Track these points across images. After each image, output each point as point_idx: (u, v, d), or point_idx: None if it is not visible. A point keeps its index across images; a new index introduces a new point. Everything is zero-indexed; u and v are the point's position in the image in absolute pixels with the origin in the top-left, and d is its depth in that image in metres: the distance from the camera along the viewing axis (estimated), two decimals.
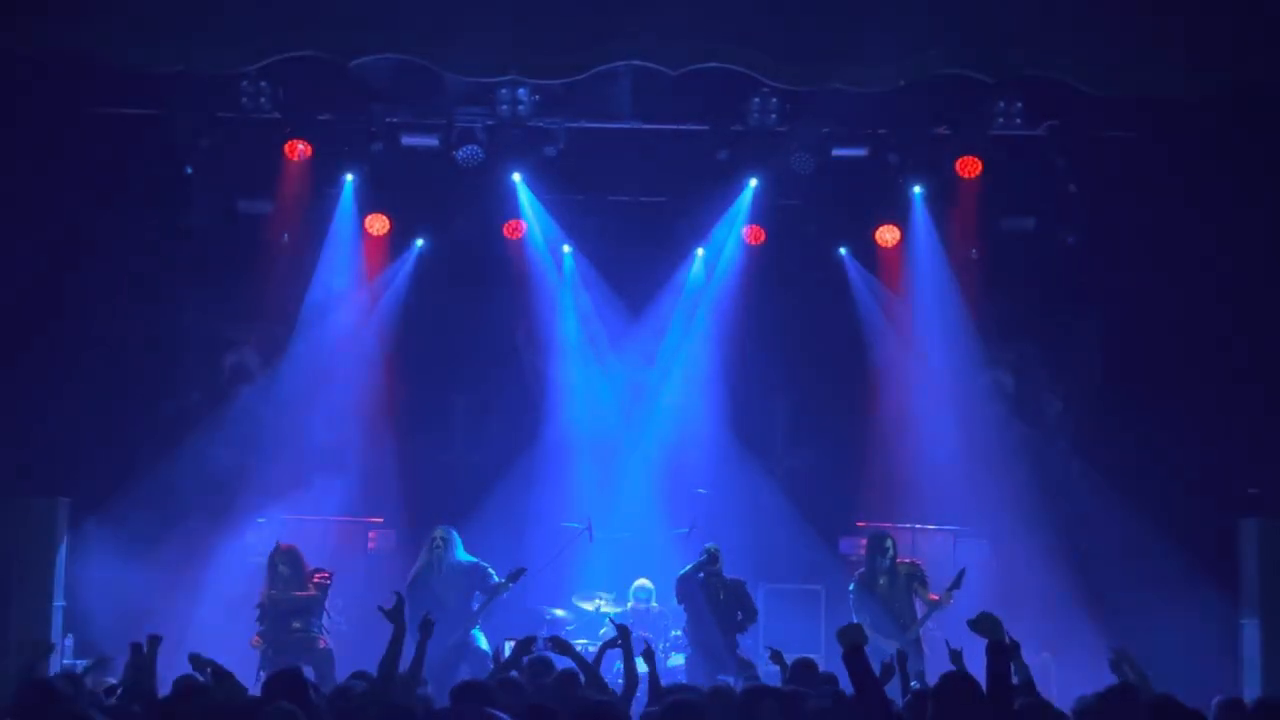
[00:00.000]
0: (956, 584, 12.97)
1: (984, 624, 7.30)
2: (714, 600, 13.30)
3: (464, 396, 16.52)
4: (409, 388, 16.04)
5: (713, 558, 13.32)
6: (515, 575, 13.16)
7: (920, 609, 13.06)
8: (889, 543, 13.39)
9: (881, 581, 13.21)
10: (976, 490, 15.39)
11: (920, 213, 15.54)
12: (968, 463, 15.49)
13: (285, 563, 13.18)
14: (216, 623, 13.80)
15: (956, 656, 8.98)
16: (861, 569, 13.53)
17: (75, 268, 14.60)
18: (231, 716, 7.37)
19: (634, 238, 15.85)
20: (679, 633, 14.00)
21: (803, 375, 16.20)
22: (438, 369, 16.19)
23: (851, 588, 13.37)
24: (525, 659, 9.20)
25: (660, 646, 13.96)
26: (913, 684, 9.26)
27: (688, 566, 13.46)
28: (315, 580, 13.11)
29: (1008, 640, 7.33)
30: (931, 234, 15.58)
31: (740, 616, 13.33)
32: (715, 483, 15.96)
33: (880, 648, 11.88)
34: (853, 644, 7.11)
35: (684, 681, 11.40)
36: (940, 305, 15.89)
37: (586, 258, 16.15)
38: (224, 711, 7.43)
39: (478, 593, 13.09)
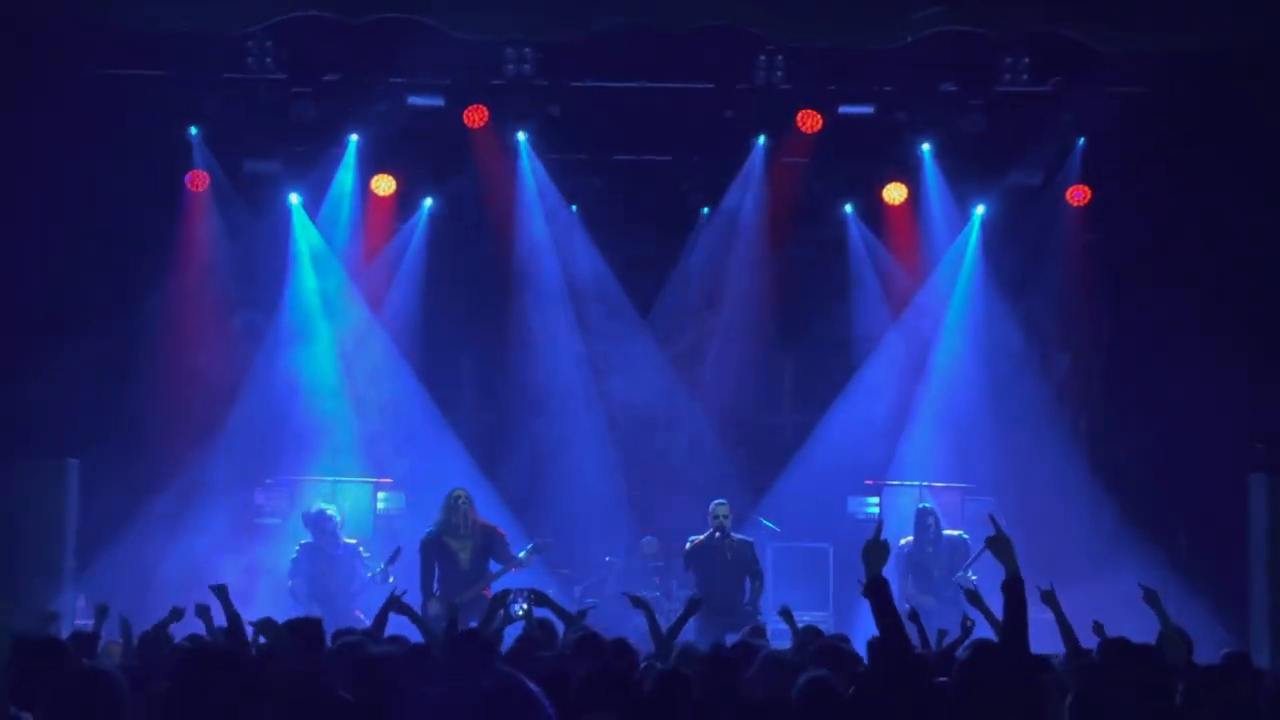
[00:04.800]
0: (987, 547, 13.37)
1: (998, 546, 6.59)
2: (721, 560, 13.23)
3: (472, 357, 16.49)
4: (415, 348, 15.98)
5: (721, 525, 13.25)
6: (539, 549, 13.08)
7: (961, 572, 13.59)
8: (931, 520, 13.85)
9: (929, 550, 13.74)
10: (985, 447, 15.37)
11: (929, 170, 15.43)
12: (976, 419, 15.50)
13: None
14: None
15: (974, 597, 8.91)
16: (908, 538, 13.84)
17: (80, 229, 14.52)
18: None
19: (640, 197, 15.75)
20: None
21: (809, 332, 16.15)
22: (445, 329, 16.13)
23: (896, 553, 13.52)
24: (500, 616, 8.93)
25: (670, 608, 13.84)
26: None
27: (698, 537, 13.34)
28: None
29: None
30: (941, 191, 15.52)
31: (748, 581, 13.25)
32: (721, 441, 15.91)
33: (927, 608, 12.25)
34: (875, 574, 6.52)
35: (693, 639, 11.34)
36: (948, 262, 15.85)
37: (592, 217, 16.02)
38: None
39: (492, 559, 12.97)
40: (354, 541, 13.64)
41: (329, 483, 15.05)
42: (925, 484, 15.20)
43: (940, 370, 15.89)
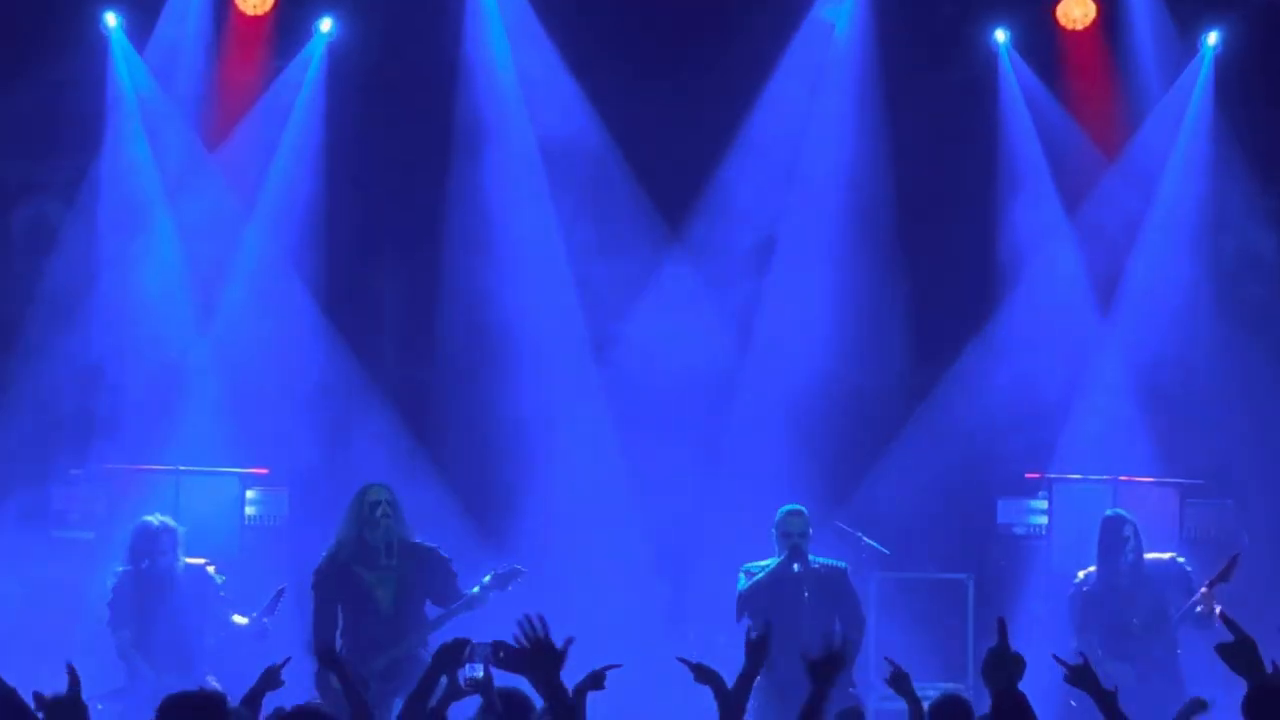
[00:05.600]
0: (1224, 576, 13.59)
1: (1238, 654, 7.14)
2: (796, 601, 13.08)
3: (396, 278, 16.54)
4: (311, 260, 15.98)
5: (796, 546, 13.06)
6: (505, 580, 12.78)
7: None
8: (1129, 529, 13.79)
9: (1124, 586, 13.80)
10: (1213, 421, 15.58)
11: None
12: (1200, 378, 15.61)
13: None
14: (16, 629, 14.21)
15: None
16: (1089, 568, 13.79)
17: None
18: None
19: (665, 16, 15.69)
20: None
21: (933, 238, 16.04)
22: (355, 234, 16.12)
23: (1071, 594, 13.84)
24: (444, 684, 8.59)
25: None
26: None
27: (758, 566, 13.17)
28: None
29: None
30: (1150, 7, 15.73)
31: (839, 628, 13.03)
32: (796, 414, 15.81)
33: (1114, 674, 12.47)
34: (1004, 687, 6.93)
35: None
36: (1159, 123, 15.91)
37: (588, 49, 15.82)
38: None
39: (430, 599, 12.85)
40: (201, 561, 13.47)
41: (170, 475, 14.95)
42: (1118, 478, 15.25)
43: (1142, 297, 15.85)
